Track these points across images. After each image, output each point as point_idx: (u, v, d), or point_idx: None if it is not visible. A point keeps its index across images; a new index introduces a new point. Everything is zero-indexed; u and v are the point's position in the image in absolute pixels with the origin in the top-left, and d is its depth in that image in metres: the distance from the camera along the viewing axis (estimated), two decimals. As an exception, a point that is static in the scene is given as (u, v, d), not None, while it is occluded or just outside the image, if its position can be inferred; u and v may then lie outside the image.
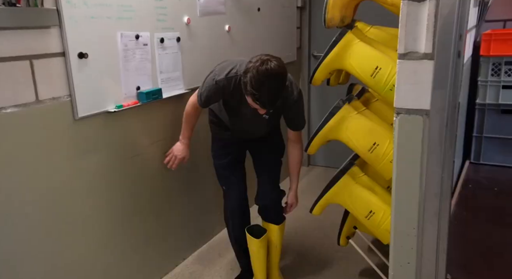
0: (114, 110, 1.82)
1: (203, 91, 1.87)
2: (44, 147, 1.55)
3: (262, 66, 1.57)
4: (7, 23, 1.34)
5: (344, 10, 1.58)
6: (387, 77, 1.49)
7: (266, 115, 1.85)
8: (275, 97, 1.61)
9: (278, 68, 1.59)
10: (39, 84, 1.51)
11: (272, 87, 1.58)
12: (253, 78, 1.57)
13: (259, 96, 1.58)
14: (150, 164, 2.09)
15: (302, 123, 1.96)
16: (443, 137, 1.19)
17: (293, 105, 1.83)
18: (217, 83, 1.80)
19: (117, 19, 1.79)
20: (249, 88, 1.59)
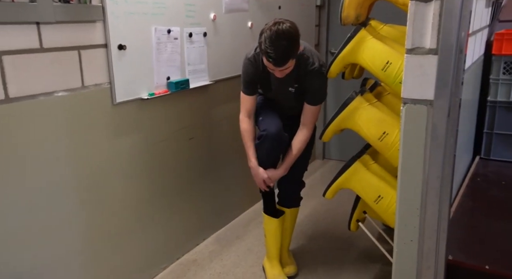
0: (147, 98, 2.00)
1: (243, 78, 2.03)
2: (87, 128, 1.74)
3: (274, 26, 1.72)
4: (62, 18, 1.53)
5: (359, 9, 1.72)
6: (397, 71, 1.63)
7: (291, 88, 1.98)
8: (285, 55, 1.73)
9: (289, 29, 1.73)
10: (84, 72, 1.69)
11: (283, 45, 1.71)
12: (266, 37, 1.72)
13: (271, 53, 1.72)
14: (176, 149, 2.27)
15: (320, 97, 1.99)
16: (445, 125, 1.33)
17: (314, 75, 1.91)
18: (249, 59, 1.99)
19: (152, 15, 1.97)
20: (263, 47, 1.74)
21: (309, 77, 1.93)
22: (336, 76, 1.86)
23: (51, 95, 1.58)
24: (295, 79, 1.96)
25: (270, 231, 2.20)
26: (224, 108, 2.62)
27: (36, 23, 1.48)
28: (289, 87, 1.99)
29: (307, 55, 1.91)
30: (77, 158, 1.72)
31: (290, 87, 1.99)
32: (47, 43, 1.53)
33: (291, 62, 1.79)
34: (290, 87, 1.99)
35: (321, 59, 1.97)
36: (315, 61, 1.92)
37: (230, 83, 2.61)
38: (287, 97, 2.05)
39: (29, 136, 1.53)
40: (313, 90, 1.96)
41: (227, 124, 2.65)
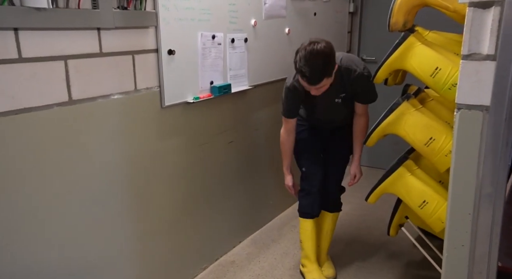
0: (192, 101, 2.05)
1: (283, 104, 2.12)
2: (138, 130, 1.80)
3: (309, 46, 1.79)
4: (120, 23, 1.59)
5: (407, 15, 1.74)
6: (446, 77, 1.63)
7: (338, 99, 2.05)
8: (320, 74, 1.79)
9: (324, 48, 1.79)
10: (137, 76, 1.75)
11: (317, 64, 1.77)
12: (301, 56, 1.79)
13: (305, 72, 1.78)
14: (216, 152, 2.31)
15: (372, 97, 2.08)
16: (501, 131, 1.33)
17: (360, 79, 1.97)
18: (289, 88, 2.06)
19: (198, 21, 2.03)
20: (298, 65, 1.81)
21: (355, 83, 1.98)
22: (381, 82, 1.88)
23: (108, 97, 1.64)
24: (341, 90, 2.02)
25: (305, 235, 2.21)
26: (262, 113, 2.65)
27: (97, 29, 1.55)
28: (335, 98, 2.05)
29: (347, 65, 1.97)
30: (129, 159, 1.78)
31: (336, 99, 2.06)
32: (106, 47, 1.60)
33: (326, 80, 1.85)
34: (336, 99, 2.06)
35: (360, 62, 2.02)
36: (356, 68, 1.98)
37: (268, 88, 2.65)
38: (335, 109, 2.12)
39: (88, 137, 1.59)
40: (364, 92, 2.06)
41: (264, 129, 2.69)
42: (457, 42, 1.92)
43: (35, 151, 1.42)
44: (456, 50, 1.84)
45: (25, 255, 1.43)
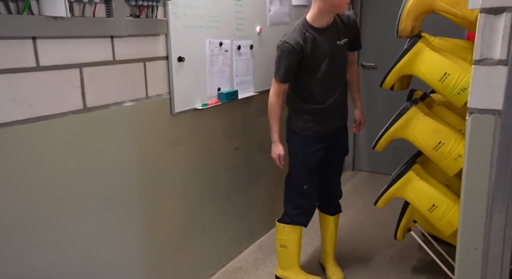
0: (201, 108, 2.06)
1: (279, 64, 1.97)
2: (149, 137, 1.80)
3: None
4: (133, 31, 1.61)
5: (415, 22, 1.77)
6: (455, 82, 1.66)
7: (339, 41, 2.00)
8: None
9: None
10: (149, 83, 1.76)
11: None
12: None
13: None
14: (223, 158, 2.32)
15: (361, 44, 2.18)
16: (513, 134, 1.36)
17: (355, 23, 2.08)
18: (287, 43, 1.90)
19: (206, 28, 2.04)
20: None
21: (353, 26, 2.07)
22: (389, 87, 1.90)
23: (120, 105, 1.65)
24: (342, 33, 2.02)
25: (293, 240, 2.18)
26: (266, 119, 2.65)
27: (111, 37, 1.56)
28: (337, 41, 2.00)
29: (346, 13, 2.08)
30: (140, 165, 1.78)
31: (338, 41, 2.00)
32: (119, 55, 1.61)
33: None
34: (338, 41, 2.00)
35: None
36: (349, 13, 2.11)
37: (273, 94, 2.66)
38: (340, 58, 2.04)
39: (101, 143, 1.59)
40: (357, 36, 2.12)
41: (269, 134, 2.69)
42: (463, 47, 1.96)
43: (51, 157, 1.42)
44: (462, 56, 1.88)
45: (39, 256, 1.43)
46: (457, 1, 1.61)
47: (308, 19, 1.97)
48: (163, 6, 1.76)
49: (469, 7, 1.42)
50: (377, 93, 3.96)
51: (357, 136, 4.09)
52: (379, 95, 4.16)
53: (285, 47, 1.92)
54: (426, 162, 2.06)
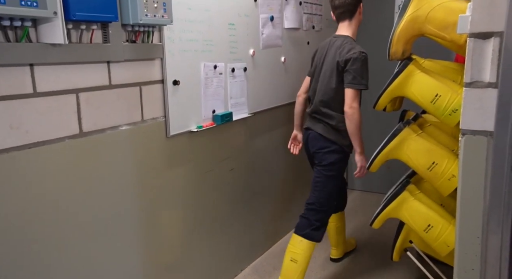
0: (196, 130, 2.07)
1: (363, 72, 2.06)
2: (145, 160, 1.80)
3: None
4: (129, 56, 1.62)
5: (406, 45, 1.81)
6: (446, 103, 1.70)
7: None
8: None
9: None
10: (144, 106, 1.77)
11: None
12: None
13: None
14: (218, 180, 2.31)
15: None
16: (506, 155, 1.38)
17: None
18: (364, 52, 2.08)
19: (201, 52, 2.07)
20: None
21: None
22: (382, 108, 1.93)
23: (116, 129, 1.65)
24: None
25: (305, 256, 2.20)
26: (261, 140, 2.68)
27: (107, 62, 1.57)
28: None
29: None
30: (137, 188, 1.77)
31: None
32: (115, 80, 1.62)
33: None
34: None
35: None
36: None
37: (267, 114, 2.69)
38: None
39: (97, 168, 1.58)
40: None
41: (263, 155, 2.71)
42: (452, 69, 2.00)
43: (47, 183, 1.41)
44: (452, 77, 1.92)
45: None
46: (446, 26, 1.66)
47: (352, 35, 2.23)
48: (158, 31, 1.79)
49: (457, 32, 1.47)
50: (370, 113, 3.99)
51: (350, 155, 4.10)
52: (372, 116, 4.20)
53: (364, 56, 2.07)
54: (420, 181, 2.08)
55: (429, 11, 1.68)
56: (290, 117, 3.00)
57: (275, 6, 2.65)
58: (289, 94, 2.94)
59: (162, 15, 1.68)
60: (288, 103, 2.94)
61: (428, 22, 1.69)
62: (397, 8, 3.76)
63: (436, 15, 1.67)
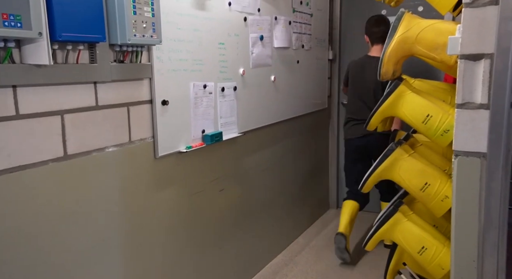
0: (185, 151, 2.03)
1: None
2: (132, 183, 1.75)
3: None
4: (117, 76, 1.59)
5: (396, 65, 1.81)
6: (437, 123, 1.69)
7: None
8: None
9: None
10: (132, 127, 1.73)
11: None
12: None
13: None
14: (208, 201, 2.27)
15: None
16: (499, 176, 1.37)
17: None
18: None
19: (191, 71, 2.05)
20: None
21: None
22: (374, 128, 1.92)
23: (103, 150, 1.60)
24: None
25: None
26: (251, 159, 2.65)
27: (94, 83, 1.54)
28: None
29: None
30: (124, 211, 1.71)
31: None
32: (102, 100, 1.58)
33: None
34: None
35: None
36: None
37: (257, 134, 2.66)
38: None
39: (82, 192, 1.53)
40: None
41: (254, 175, 2.67)
42: (442, 89, 2.01)
43: (31, 207, 1.35)
44: (442, 97, 1.92)
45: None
46: (435, 46, 1.67)
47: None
48: (147, 51, 1.76)
49: (448, 53, 1.47)
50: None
51: (340, 174, 4.09)
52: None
53: None
54: (413, 202, 2.05)
55: (418, 32, 1.68)
56: (280, 135, 2.99)
57: (265, 25, 2.66)
58: (280, 113, 2.92)
59: (151, 35, 1.66)
60: (279, 122, 2.92)
61: (418, 43, 1.70)
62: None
63: (425, 36, 1.67)
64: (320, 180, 3.80)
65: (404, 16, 1.72)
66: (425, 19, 1.72)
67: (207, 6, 2.13)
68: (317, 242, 3.28)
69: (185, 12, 1.98)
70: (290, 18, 2.95)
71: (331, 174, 3.99)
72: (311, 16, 3.27)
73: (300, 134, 3.30)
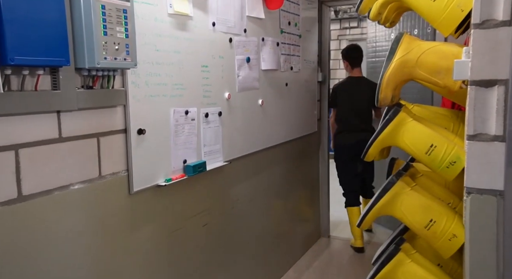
0: (164, 184, 1.83)
1: None
2: (103, 222, 1.54)
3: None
4: (85, 104, 1.41)
5: (395, 90, 1.66)
6: (443, 154, 1.53)
7: None
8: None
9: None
10: (102, 160, 1.54)
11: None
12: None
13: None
14: (191, 238, 2.06)
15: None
16: (519, 217, 1.20)
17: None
18: None
19: (171, 97, 1.87)
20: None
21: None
22: (372, 159, 1.76)
23: (67, 188, 1.40)
24: None
25: None
26: (238, 189, 2.46)
27: (57, 112, 1.35)
28: None
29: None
30: (94, 257, 1.50)
31: None
32: (66, 132, 1.39)
33: None
34: None
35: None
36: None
37: (244, 161, 2.48)
38: None
39: (43, 237, 1.32)
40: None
41: (241, 206, 2.48)
42: (442, 115, 1.87)
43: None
44: (443, 124, 1.78)
45: None
46: (438, 70, 1.53)
47: None
48: (121, 75, 1.59)
49: (454, 78, 1.32)
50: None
51: (332, 199, 3.91)
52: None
53: None
54: (414, 237, 1.88)
55: (419, 55, 1.55)
56: (268, 162, 2.81)
57: (252, 47, 2.51)
58: (268, 138, 2.76)
59: (124, 58, 1.48)
60: (267, 148, 2.75)
61: (419, 66, 1.56)
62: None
63: (427, 59, 1.54)
64: (310, 207, 3.61)
65: (403, 37, 1.59)
66: (425, 41, 1.59)
67: (189, 26, 1.97)
68: (309, 275, 3.07)
69: (164, 33, 1.81)
70: (278, 39, 2.81)
71: (321, 200, 3.81)
72: (299, 37, 3.14)
73: (289, 161, 3.13)
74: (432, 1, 1.50)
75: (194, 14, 2.00)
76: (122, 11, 1.47)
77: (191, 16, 1.98)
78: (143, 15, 1.70)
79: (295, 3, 3.05)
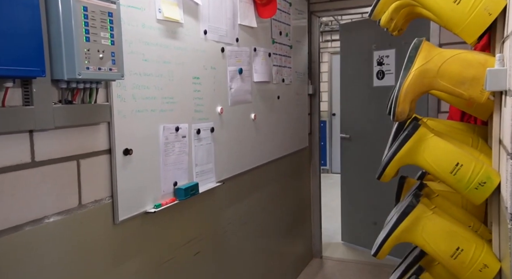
0: (153, 211, 1.61)
1: None
2: (83, 259, 1.31)
3: None
4: (62, 122, 1.19)
5: (412, 103, 1.51)
6: (470, 174, 1.37)
7: None
8: None
9: None
10: (83, 186, 1.31)
11: None
12: None
13: None
14: (183, 269, 1.84)
15: None
16: None
17: None
18: None
19: (160, 112, 1.67)
20: None
21: None
22: (389, 179, 1.58)
23: (40, 222, 1.17)
24: None
25: None
26: (231, 211, 2.25)
27: (29, 132, 1.12)
28: None
29: None
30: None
31: None
32: (40, 154, 1.16)
33: None
34: None
35: None
36: None
37: (237, 181, 2.29)
38: None
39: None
40: None
41: (234, 230, 2.27)
42: (459, 129, 1.72)
43: None
44: (461, 139, 1.63)
45: None
46: (462, 81, 1.38)
47: None
48: (105, 87, 1.38)
49: (487, 89, 1.17)
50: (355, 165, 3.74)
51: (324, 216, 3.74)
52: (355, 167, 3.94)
53: None
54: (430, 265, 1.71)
55: (441, 64, 1.40)
56: (260, 182, 2.61)
57: (244, 57, 2.34)
58: (260, 155, 2.57)
59: (109, 68, 1.27)
60: (258, 166, 2.55)
61: (441, 76, 1.40)
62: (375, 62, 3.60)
63: (450, 69, 1.39)
64: (302, 226, 3.42)
65: (423, 44, 1.44)
66: (447, 49, 1.44)
67: (179, 34, 1.78)
68: (305, 301, 2.87)
69: (153, 41, 1.62)
70: (270, 50, 2.65)
71: (313, 219, 3.63)
72: (290, 48, 2.99)
73: (281, 178, 2.94)
74: (455, 4, 1.36)
75: (185, 20, 1.81)
76: (107, 14, 1.27)
77: (182, 23, 1.79)
78: (129, 20, 1.50)
79: (286, 12, 2.91)
